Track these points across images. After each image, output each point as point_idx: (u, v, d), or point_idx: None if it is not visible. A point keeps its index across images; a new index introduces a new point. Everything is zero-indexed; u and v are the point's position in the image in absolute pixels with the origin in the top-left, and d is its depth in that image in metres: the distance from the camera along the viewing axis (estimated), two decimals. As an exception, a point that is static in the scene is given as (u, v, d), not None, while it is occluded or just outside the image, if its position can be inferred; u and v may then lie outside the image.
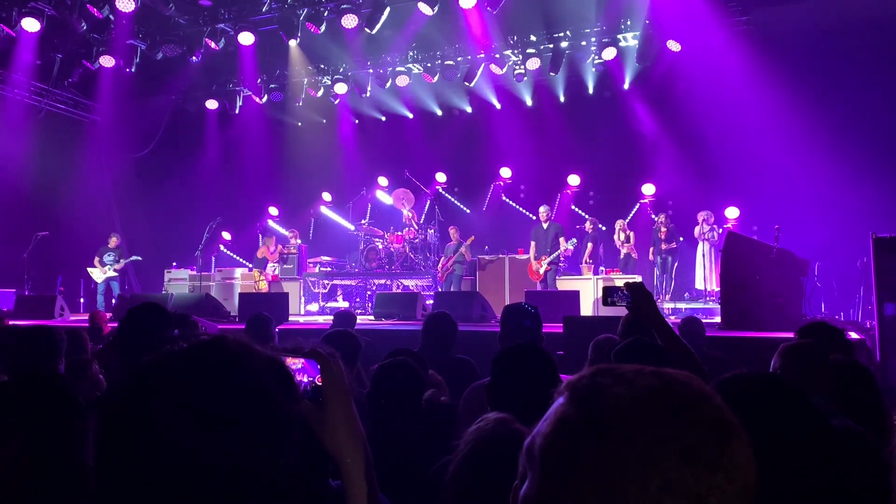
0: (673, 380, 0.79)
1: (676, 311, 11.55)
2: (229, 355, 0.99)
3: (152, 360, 0.98)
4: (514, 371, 2.47)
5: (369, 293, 13.68)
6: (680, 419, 0.75)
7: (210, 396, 0.93)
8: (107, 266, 13.22)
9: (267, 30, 13.04)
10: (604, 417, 0.76)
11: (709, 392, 0.79)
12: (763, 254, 7.81)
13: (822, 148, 11.77)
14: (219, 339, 1.02)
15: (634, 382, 0.78)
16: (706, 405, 0.77)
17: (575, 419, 0.78)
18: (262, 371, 1.00)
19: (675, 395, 0.77)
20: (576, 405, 0.80)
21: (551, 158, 14.81)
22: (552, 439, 0.79)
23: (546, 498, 0.78)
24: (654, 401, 0.76)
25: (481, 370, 4.28)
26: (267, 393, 0.98)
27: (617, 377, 0.80)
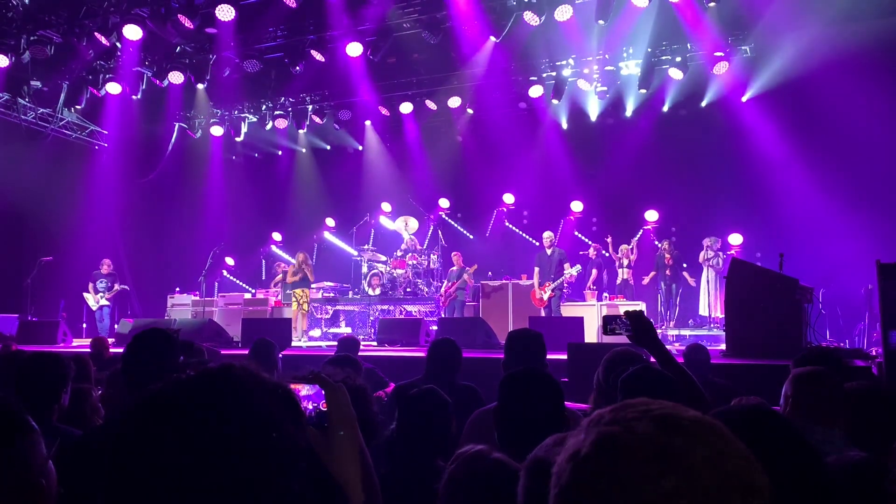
0: (679, 433, 0.79)
1: (681, 338, 11.50)
2: (237, 383, 0.99)
3: (160, 389, 0.98)
4: (521, 396, 2.45)
5: (372, 319, 13.65)
6: (670, 478, 0.75)
7: (218, 425, 0.94)
8: (99, 294, 13.15)
9: (272, 57, 13.17)
10: (614, 464, 0.77)
11: (714, 455, 0.78)
12: (767, 281, 7.78)
13: (826, 174, 11.81)
14: (226, 368, 1.02)
15: (638, 426, 0.80)
16: (707, 472, 0.76)
17: (588, 458, 0.80)
18: (270, 399, 1.01)
19: (669, 453, 0.77)
20: (587, 433, 0.82)
21: (554, 184, 14.84)
22: (560, 460, 0.83)
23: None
24: (647, 452, 0.77)
25: (486, 397, 4.25)
26: (274, 421, 0.98)
27: (626, 424, 0.81)
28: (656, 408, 0.82)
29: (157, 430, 0.93)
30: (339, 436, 1.25)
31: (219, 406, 0.96)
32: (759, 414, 1.77)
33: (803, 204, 12.06)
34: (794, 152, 12.26)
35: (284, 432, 0.99)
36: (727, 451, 0.78)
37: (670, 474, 0.75)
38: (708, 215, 13.15)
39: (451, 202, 16.25)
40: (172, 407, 0.95)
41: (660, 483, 0.75)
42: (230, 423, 0.94)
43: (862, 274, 10.31)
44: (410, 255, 14.01)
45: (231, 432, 0.94)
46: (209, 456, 0.91)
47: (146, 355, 3.12)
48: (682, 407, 0.84)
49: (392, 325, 10.90)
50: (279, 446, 0.98)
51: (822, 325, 10.37)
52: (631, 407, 0.84)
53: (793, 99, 12.12)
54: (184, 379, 0.99)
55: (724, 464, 0.77)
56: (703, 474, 0.75)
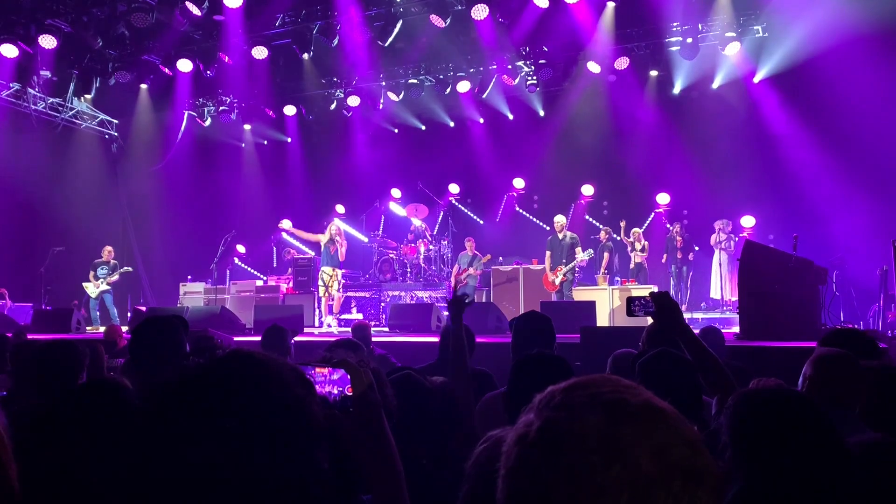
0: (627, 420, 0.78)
1: (693, 322, 11.44)
2: (256, 366, 1.00)
3: (181, 376, 0.98)
4: (533, 379, 2.42)
5: (383, 305, 13.67)
6: (612, 470, 0.75)
7: (243, 408, 0.94)
8: (100, 280, 13.08)
9: (280, 44, 13.13)
10: (559, 453, 0.78)
11: (659, 441, 0.77)
12: (781, 262, 7.72)
13: (839, 155, 11.69)
14: (241, 352, 1.02)
15: (584, 412, 0.79)
16: (647, 458, 0.76)
17: (534, 444, 0.80)
18: (290, 380, 1.01)
19: (614, 444, 0.76)
20: (536, 415, 0.83)
21: (565, 168, 14.77)
22: (509, 439, 0.84)
23: (504, 494, 0.82)
24: (590, 443, 0.76)
25: (499, 382, 4.24)
26: (299, 400, 0.99)
27: (573, 410, 0.80)
28: (606, 391, 0.81)
29: (181, 417, 0.93)
30: (363, 420, 1.24)
31: (242, 388, 0.96)
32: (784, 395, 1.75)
33: (816, 185, 11.95)
34: (806, 133, 12.14)
35: (310, 411, 1.00)
36: (673, 439, 0.78)
37: (614, 465, 0.75)
38: (720, 198, 13.05)
39: (460, 188, 16.21)
40: (196, 392, 0.95)
41: (603, 474, 0.74)
42: (256, 405, 0.95)
43: (876, 255, 10.23)
44: (421, 240, 13.99)
45: (257, 414, 0.94)
46: (237, 439, 0.92)
47: (153, 341, 3.14)
48: (634, 390, 0.83)
49: (403, 310, 10.90)
50: (307, 424, 0.99)
51: (836, 306, 10.32)
52: (581, 388, 0.83)
53: (805, 80, 11.97)
54: (202, 364, 1.00)
55: (668, 452, 0.76)
56: (647, 464, 0.75)
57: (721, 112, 13.18)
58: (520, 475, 0.80)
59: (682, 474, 0.76)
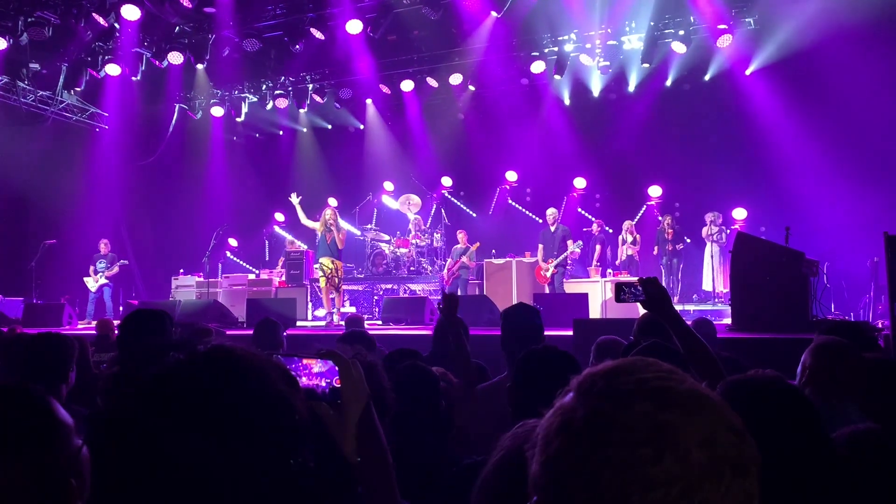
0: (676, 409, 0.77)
1: (685, 314, 11.49)
2: (237, 362, 0.98)
3: (160, 373, 0.96)
4: (540, 374, 2.43)
5: (376, 298, 13.67)
6: (664, 462, 0.74)
7: (225, 405, 0.92)
8: (99, 273, 13.06)
9: (272, 36, 13.06)
10: (608, 444, 0.76)
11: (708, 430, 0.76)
12: (773, 254, 7.75)
13: (831, 147, 11.73)
14: (222, 347, 1.00)
15: (633, 402, 0.78)
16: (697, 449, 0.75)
17: (581, 434, 0.78)
18: (272, 376, 0.99)
19: (664, 434, 0.75)
20: (579, 402, 0.81)
21: (557, 161, 14.78)
22: (548, 425, 0.82)
23: (543, 477, 0.80)
24: (641, 434, 0.75)
25: (492, 374, 4.25)
26: (281, 396, 0.98)
27: (620, 398, 0.79)
28: (650, 377, 0.80)
29: (160, 415, 0.91)
30: (352, 413, 1.23)
31: (226, 384, 0.94)
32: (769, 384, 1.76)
33: (808, 177, 11.99)
34: (798, 125, 12.17)
35: (294, 408, 0.98)
36: (720, 427, 0.77)
37: (666, 456, 0.73)
38: (712, 190, 13.09)
39: (453, 180, 16.19)
40: (177, 388, 0.93)
41: (655, 466, 0.73)
42: (237, 400, 0.93)
43: (866, 247, 10.29)
44: (414, 233, 14.00)
45: (239, 409, 0.93)
46: (218, 436, 0.90)
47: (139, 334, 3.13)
48: (676, 375, 0.81)
49: (397, 303, 10.90)
50: (291, 421, 0.97)
51: (828, 298, 10.37)
52: (624, 374, 0.81)
53: (797, 71, 12.01)
54: (184, 361, 0.97)
55: (716, 440, 0.75)
56: (697, 453, 0.74)
57: (713, 104, 13.20)
58: (565, 465, 0.78)
59: (731, 464, 0.75)
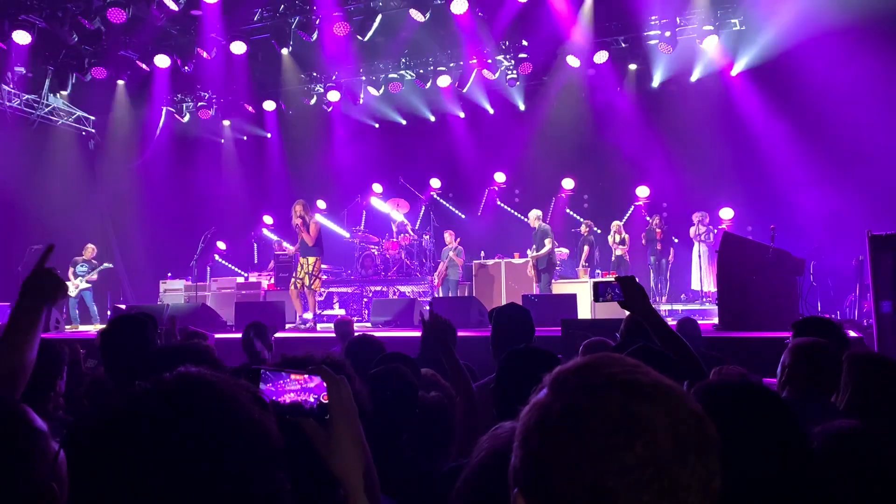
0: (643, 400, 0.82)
1: (673, 313, 11.56)
2: (206, 388, 0.97)
3: (128, 403, 0.95)
4: (523, 373, 2.44)
5: (366, 300, 13.66)
6: (635, 449, 0.79)
7: (196, 434, 0.92)
8: (79, 278, 12.89)
9: (259, 38, 13.04)
10: (583, 435, 0.81)
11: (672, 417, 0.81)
12: (759, 254, 7.81)
13: (816, 147, 11.82)
14: (190, 374, 1.00)
15: (603, 395, 0.82)
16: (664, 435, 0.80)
17: (558, 428, 0.83)
18: (243, 401, 0.99)
19: (635, 423, 0.80)
20: (553, 397, 0.86)
21: (545, 162, 14.82)
22: (526, 421, 0.87)
23: (524, 471, 0.86)
24: (613, 423, 0.80)
25: (481, 375, 4.26)
26: (253, 423, 0.97)
27: (592, 392, 0.83)
28: (619, 371, 0.85)
29: (130, 445, 0.90)
30: (339, 429, 1.23)
31: (194, 412, 0.94)
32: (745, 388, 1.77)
33: (793, 177, 12.08)
34: (783, 125, 12.26)
35: (267, 432, 0.98)
36: (682, 413, 0.82)
37: (636, 443, 0.79)
38: (699, 190, 13.17)
39: (442, 182, 16.22)
40: (144, 419, 0.93)
41: (627, 452, 0.78)
42: (208, 429, 0.93)
43: (852, 245, 10.36)
44: (403, 235, 14.00)
45: (210, 438, 0.92)
46: (188, 466, 0.90)
47: (122, 341, 3.12)
48: (641, 369, 0.86)
49: (386, 305, 10.90)
50: (264, 446, 0.97)
51: (814, 296, 10.45)
52: (595, 369, 0.86)
53: (782, 72, 12.09)
54: (150, 390, 0.96)
55: (680, 425, 0.81)
56: (664, 438, 0.79)
57: (699, 105, 13.27)
58: (544, 457, 0.83)
59: (694, 447, 0.80)
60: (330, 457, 1.23)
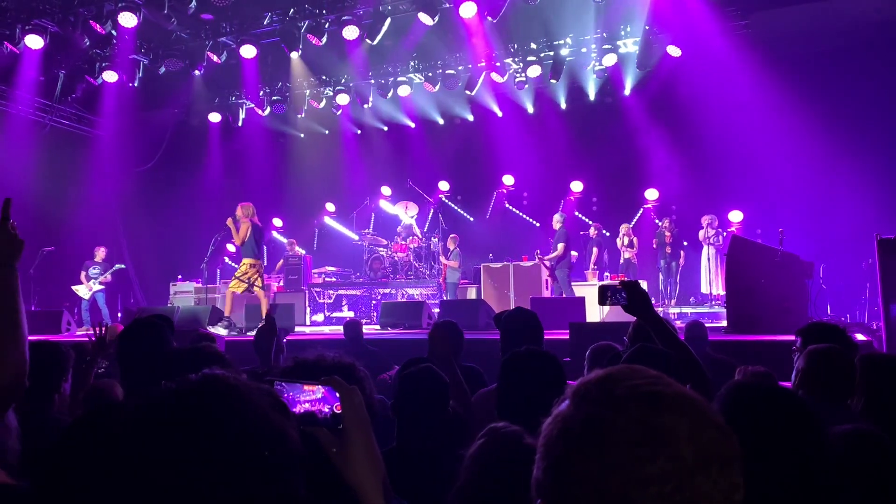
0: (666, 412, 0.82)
1: (682, 316, 11.53)
2: (229, 393, 0.98)
3: (150, 405, 0.96)
4: (523, 376, 2.46)
5: (374, 303, 13.70)
6: (658, 461, 0.79)
7: (217, 438, 0.93)
8: (92, 280, 13.03)
9: (268, 42, 13.10)
10: (605, 446, 0.81)
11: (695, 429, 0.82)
12: (768, 257, 7.80)
13: (825, 150, 11.78)
14: (212, 377, 1.01)
15: (627, 407, 0.83)
16: (687, 447, 0.80)
17: (581, 438, 0.83)
18: (265, 406, 1.00)
19: (658, 435, 0.80)
20: (576, 409, 0.86)
21: (554, 165, 14.83)
22: (549, 433, 0.87)
23: (547, 482, 0.86)
24: (636, 436, 0.81)
25: (488, 378, 4.28)
26: (273, 428, 0.98)
27: (615, 404, 0.84)
28: (642, 383, 0.85)
29: (158, 446, 0.91)
30: (352, 438, 1.23)
31: (217, 415, 0.94)
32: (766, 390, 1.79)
33: (803, 180, 12.05)
34: (794, 128, 12.21)
35: (287, 438, 0.99)
36: (705, 425, 0.83)
37: (660, 455, 0.79)
38: (708, 193, 13.13)
39: (450, 185, 16.24)
40: (167, 420, 0.94)
41: (650, 464, 0.79)
42: (231, 432, 0.94)
43: (862, 248, 10.32)
44: (411, 238, 14.03)
45: (232, 440, 0.93)
46: (210, 468, 0.91)
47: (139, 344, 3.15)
48: (664, 380, 0.87)
49: (394, 308, 10.93)
50: (284, 452, 0.98)
51: (823, 299, 10.42)
52: (616, 381, 0.87)
53: (791, 73, 12.04)
54: (173, 391, 0.97)
55: (702, 437, 0.81)
56: (686, 451, 0.80)
57: (708, 107, 13.23)
58: (567, 468, 0.83)
59: (717, 458, 0.81)
60: (345, 466, 1.23)
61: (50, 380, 3.29)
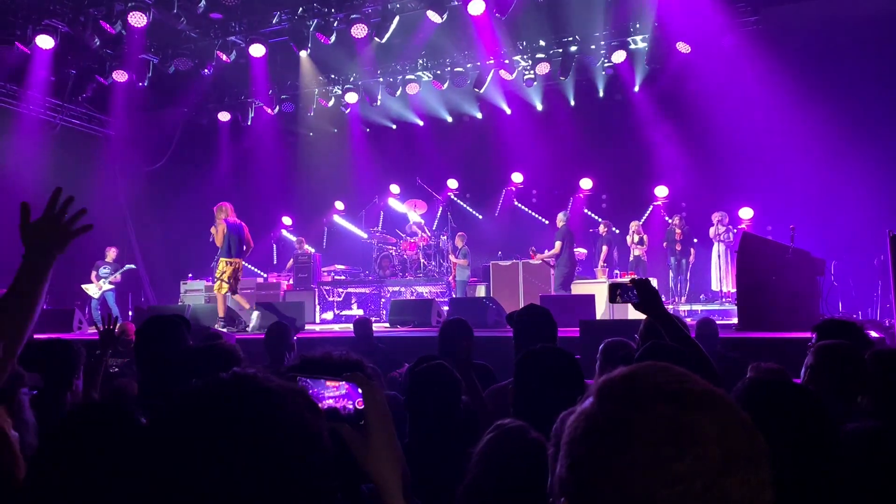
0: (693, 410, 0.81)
1: (692, 314, 11.49)
2: (262, 392, 0.98)
3: (183, 402, 0.96)
4: (539, 373, 2.46)
5: (383, 301, 13.72)
6: (686, 459, 0.78)
7: (252, 439, 0.92)
8: (102, 280, 13.12)
9: (277, 41, 13.12)
10: (630, 446, 0.80)
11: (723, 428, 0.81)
12: (779, 254, 7.76)
13: (836, 145, 11.71)
14: (245, 376, 1.01)
15: (653, 405, 0.82)
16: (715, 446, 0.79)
17: (605, 435, 0.82)
18: (299, 406, 1.00)
19: (685, 433, 0.79)
20: (600, 407, 0.85)
21: (563, 162, 14.80)
22: (572, 430, 0.86)
23: (570, 480, 0.85)
24: (663, 434, 0.79)
25: (498, 375, 4.28)
26: (307, 429, 0.99)
27: (640, 402, 0.83)
28: (667, 381, 0.84)
29: (191, 446, 0.91)
30: (375, 434, 1.23)
31: (252, 413, 0.94)
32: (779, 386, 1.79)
33: (814, 176, 11.97)
34: (804, 124, 12.14)
35: (320, 438, 1.00)
36: (733, 424, 0.81)
37: (687, 454, 0.78)
38: (718, 189, 13.09)
39: (459, 183, 16.23)
40: (201, 417, 0.94)
41: (678, 463, 0.78)
42: (267, 432, 0.94)
43: (874, 245, 10.25)
44: (420, 236, 14.04)
45: (269, 440, 0.93)
46: (249, 469, 0.91)
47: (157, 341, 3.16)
48: (690, 378, 0.86)
49: (404, 306, 10.93)
50: (319, 453, 0.98)
51: (835, 296, 10.36)
52: (642, 378, 0.86)
53: (802, 71, 11.97)
54: (206, 389, 0.97)
55: (730, 436, 0.80)
56: (715, 450, 0.79)
57: (718, 104, 13.17)
58: (592, 467, 0.82)
59: (745, 457, 0.80)
60: (367, 462, 1.23)
61: (63, 377, 3.33)
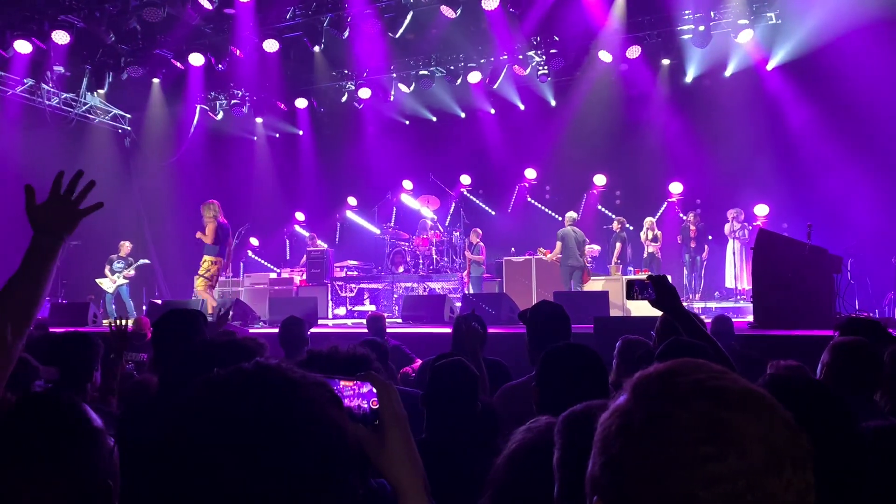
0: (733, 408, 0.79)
1: (707, 311, 11.42)
2: (287, 384, 0.97)
3: (207, 392, 0.95)
4: (563, 370, 2.44)
5: (396, 296, 13.72)
6: (728, 459, 0.76)
7: (277, 426, 0.92)
8: (116, 274, 13.22)
9: (291, 36, 13.14)
10: (670, 443, 0.78)
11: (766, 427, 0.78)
12: (795, 251, 7.69)
13: (853, 143, 11.60)
14: (269, 366, 1.00)
15: (691, 402, 0.79)
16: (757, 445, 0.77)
17: (643, 434, 0.80)
18: (322, 400, 0.99)
19: (726, 432, 0.77)
20: (636, 404, 0.83)
21: (576, 158, 14.72)
22: (606, 427, 0.84)
23: (604, 478, 0.83)
24: (702, 432, 0.77)
25: (512, 371, 4.27)
26: (332, 423, 0.97)
27: (678, 399, 0.80)
28: (706, 377, 0.82)
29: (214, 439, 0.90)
30: (390, 434, 1.21)
31: (278, 405, 0.93)
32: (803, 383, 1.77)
33: (830, 173, 11.87)
34: (820, 121, 12.05)
35: (344, 433, 0.98)
36: (776, 423, 0.79)
37: (729, 454, 0.76)
38: (734, 186, 13.00)
39: (472, 179, 16.21)
40: (226, 409, 0.92)
41: (719, 463, 0.75)
42: (293, 424, 0.93)
43: (891, 243, 10.16)
44: (433, 232, 14.03)
45: (295, 433, 0.92)
46: (273, 460, 0.90)
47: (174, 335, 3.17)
48: (730, 375, 0.83)
49: (416, 302, 10.93)
50: (343, 448, 0.97)
51: (851, 294, 10.27)
52: (679, 375, 0.83)
53: (819, 67, 11.86)
54: (231, 379, 0.96)
55: (774, 437, 0.78)
56: (757, 451, 0.76)
57: (734, 100, 13.08)
58: (627, 465, 0.80)
59: (790, 458, 0.77)
60: (382, 463, 1.22)
61: (83, 368, 3.36)
